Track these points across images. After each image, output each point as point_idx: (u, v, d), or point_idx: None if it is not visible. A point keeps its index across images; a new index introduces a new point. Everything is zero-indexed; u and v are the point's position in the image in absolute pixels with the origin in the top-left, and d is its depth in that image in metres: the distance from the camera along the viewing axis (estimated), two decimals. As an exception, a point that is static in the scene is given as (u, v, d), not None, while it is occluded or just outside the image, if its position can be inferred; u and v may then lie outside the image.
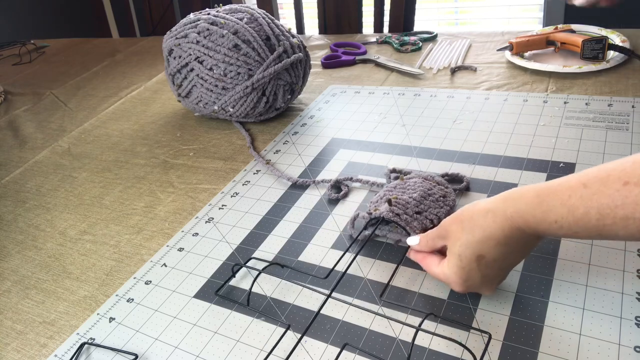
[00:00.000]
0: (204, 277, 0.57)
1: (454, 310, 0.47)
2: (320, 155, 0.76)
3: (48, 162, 0.90)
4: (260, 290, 0.54)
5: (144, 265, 0.61)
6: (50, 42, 1.66)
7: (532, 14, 2.06)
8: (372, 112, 0.86)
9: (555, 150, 0.66)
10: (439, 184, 0.59)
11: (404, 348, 0.45)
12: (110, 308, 0.56)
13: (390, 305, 0.49)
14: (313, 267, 0.55)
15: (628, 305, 0.44)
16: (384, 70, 1.03)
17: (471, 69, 0.95)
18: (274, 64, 0.82)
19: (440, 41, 1.11)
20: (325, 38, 1.28)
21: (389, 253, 0.55)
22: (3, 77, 1.40)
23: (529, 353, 0.42)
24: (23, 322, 0.57)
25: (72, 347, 0.52)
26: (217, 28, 0.82)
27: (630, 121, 0.69)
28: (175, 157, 0.84)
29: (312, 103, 0.94)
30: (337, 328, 0.48)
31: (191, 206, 0.70)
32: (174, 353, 0.49)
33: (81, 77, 1.30)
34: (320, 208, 0.64)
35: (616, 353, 0.41)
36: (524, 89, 0.85)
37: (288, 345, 0.47)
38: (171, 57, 0.87)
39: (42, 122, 1.07)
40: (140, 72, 1.27)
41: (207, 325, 0.51)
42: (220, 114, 0.87)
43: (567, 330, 0.43)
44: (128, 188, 0.78)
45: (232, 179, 0.74)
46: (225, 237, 0.62)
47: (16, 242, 0.70)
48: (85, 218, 0.72)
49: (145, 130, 0.96)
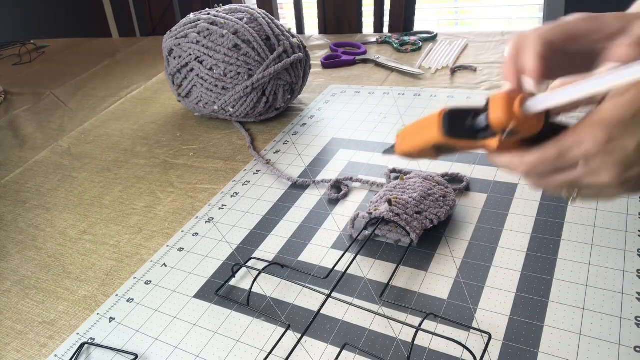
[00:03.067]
0: (204, 277, 0.57)
1: (454, 310, 0.47)
2: (320, 155, 0.76)
3: (48, 162, 0.90)
4: (260, 290, 0.54)
5: (144, 265, 0.61)
6: (50, 42, 1.66)
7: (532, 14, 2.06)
8: (372, 112, 0.86)
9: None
10: (439, 184, 0.59)
11: (404, 348, 0.45)
12: (110, 308, 0.56)
13: (390, 305, 0.49)
14: (313, 267, 0.55)
15: (628, 305, 0.44)
16: (384, 70, 1.03)
17: (471, 69, 0.95)
18: (274, 64, 0.82)
19: (440, 41, 1.11)
20: (325, 38, 1.28)
21: (389, 253, 0.55)
22: (3, 77, 1.40)
23: (529, 353, 0.42)
24: (23, 322, 0.57)
25: (72, 347, 0.52)
26: (217, 28, 0.82)
27: (630, 121, 0.69)
28: (175, 157, 0.84)
29: (312, 103, 0.94)
30: (337, 328, 0.48)
31: (191, 206, 0.70)
32: (174, 353, 0.49)
33: (81, 77, 1.30)
34: (320, 208, 0.64)
35: (616, 353, 0.41)
36: (524, 89, 0.84)
37: (288, 345, 0.47)
38: (171, 57, 0.87)
39: (42, 122, 1.07)
40: (140, 72, 1.27)
41: (207, 325, 0.51)
42: (220, 114, 0.87)
43: (567, 330, 0.43)
44: (128, 188, 0.78)
45: (232, 179, 0.74)
46: (225, 237, 0.62)
47: (16, 242, 0.70)
48: (85, 218, 0.72)
49: (145, 130, 0.96)
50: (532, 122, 0.34)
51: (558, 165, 0.35)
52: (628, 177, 0.34)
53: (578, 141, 0.34)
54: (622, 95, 0.32)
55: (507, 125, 0.33)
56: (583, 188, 0.37)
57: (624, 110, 0.32)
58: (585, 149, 0.34)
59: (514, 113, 0.33)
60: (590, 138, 0.33)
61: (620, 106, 0.32)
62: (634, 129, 0.32)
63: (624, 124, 0.32)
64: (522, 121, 0.33)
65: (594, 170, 0.34)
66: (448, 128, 0.36)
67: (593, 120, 0.34)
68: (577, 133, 0.34)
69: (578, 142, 0.34)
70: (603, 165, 0.34)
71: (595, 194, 0.36)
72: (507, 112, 0.33)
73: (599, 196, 0.37)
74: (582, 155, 0.34)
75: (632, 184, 0.34)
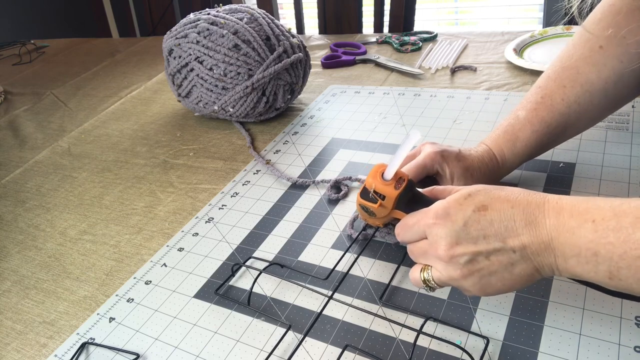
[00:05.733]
0: (204, 277, 0.57)
1: (454, 310, 0.47)
2: (320, 155, 0.76)
3: (48, 162, 0.90)
4: (260, 290, 0.54)
5: (144, 265, 0.61)
6: (50, 42, 1.66)
7: (532, 14, 2.06)
8: (372, 112, 0.86)
9: (555, 150, 0.66)
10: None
11: (404, 348, 0.45)
12: (110, 308, 0.56)
13: (391, 306, 0.49)
14: (313, 267, 0.55)
15: (628, 306, 0.44)
16: (384, 70, 1.03)
17: (471, 69, 0.95)
18: (274, 64, 0.82)
19: (440, 41, 1.11)
20: (325, 38, 1.28)
21: (389, 253, 0.55)
22: (3, 77, 1.40)
23: (529, 353, 0.42)
24: (23, 322, 0.57)
25: (72, 347, 0.52)
26: (217, 28, 0.82)
27: (630, 121, 0.69)
28: (175, 157, 0.84)
29: (312, 103, 0.94)
30: (337, 328, 0.48)
31: (191, 206, 0.70)
32: (174, 353, 0.49)
33: (81, 77, 1.30)
34: (320, 208, 0.64)
35: (616, 353, 0.41)
36: (524, 89, 0.85)
37: (288, 345, 0.47)
38: (171, 57, 0.87)
39: (42, 122, 1.07)
40: (140, 72, 1.27)
41: (207, 325, 0.51)
42: (220, 114, 0.87)
43: (567, 330, 0.43)
44: (128, 188, 0.78)
45: (232, 179, 0.74)
46: (225, 237, 0.62)
47: (16, 242, 0.70)
48: (85, 218, 0.72)
49: (145, 130, 0.96)
50: (391, 188, 0.46)
51: (414, 230, 0.44)
52: (455, 253, 0.40)
53: (427, 212, 0.42)
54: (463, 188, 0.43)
55: (372, 187, 0.46)
56: (431, 263, 0.43)
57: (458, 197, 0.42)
58: (427, 220, 0.42)
59: (377, 178, 0.46)
60: (433, 211, 0.42)
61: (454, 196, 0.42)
62: (464, 210, 0.40)
63: (460, 205, 0.41)
64: (382, 185, 0.46)
65: (433, 242, 0.42)
66: (361, 192, 0.48)
67: (439, 202, 0.42)
68: (430, 207, 0.43)
69: (427, 212, 0.42)
70: (439, 237, 0.41)
71: (446, 279, 0.42)
72: (373, 177, 0.47)
73: (454, 286, 0.43)
74: (426, 225, 0.42)
75: (476, 278, 0.40)
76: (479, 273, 0.40)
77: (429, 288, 0.44)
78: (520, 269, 0.39)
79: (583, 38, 0.56)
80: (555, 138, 0.58)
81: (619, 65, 0.54)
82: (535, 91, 0.58)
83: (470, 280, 0.40)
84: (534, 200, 0.39)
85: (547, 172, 0.63)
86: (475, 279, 0.40)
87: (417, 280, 0.44)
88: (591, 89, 0.55)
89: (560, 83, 0.56)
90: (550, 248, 0.38)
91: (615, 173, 0.60)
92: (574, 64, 0.56)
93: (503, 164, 0.57)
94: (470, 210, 0.40)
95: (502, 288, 0.41)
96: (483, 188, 0.41)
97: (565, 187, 0.59)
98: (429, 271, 0.43)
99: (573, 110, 0.55)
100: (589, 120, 0.58)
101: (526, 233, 0.38)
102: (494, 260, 0.39)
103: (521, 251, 0.38)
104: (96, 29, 2.65)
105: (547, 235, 0.38)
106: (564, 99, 0.55)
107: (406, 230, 0.45)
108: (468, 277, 0.40)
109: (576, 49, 0.56)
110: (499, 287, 0.40)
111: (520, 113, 0.57)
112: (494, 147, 0.56)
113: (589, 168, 0.62)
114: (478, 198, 0.40)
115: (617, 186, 0.58)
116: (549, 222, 0.38)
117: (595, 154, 0.64)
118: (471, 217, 0.40)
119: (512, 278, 0.40)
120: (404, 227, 0.45)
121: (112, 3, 2.63)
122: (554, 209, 0.38)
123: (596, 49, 0.55)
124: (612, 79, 0.54)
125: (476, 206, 0.40)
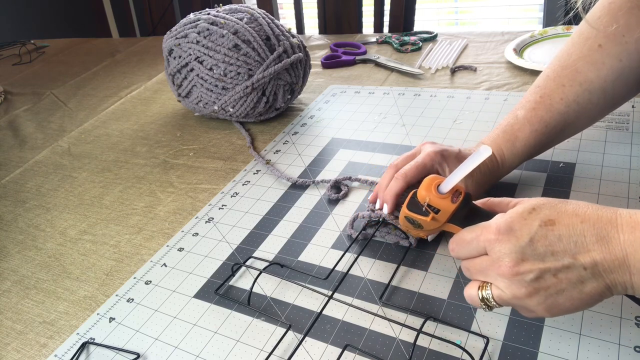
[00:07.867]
0: (204, 277, 0.57)
1: (454, 310, 0.47)
2: (320, 155, 0.76)
3: (48, 162, 0.90)
4: (260, 290, 0.54)
5: (144, 265, 0.61)
6: (50, 42, 1.66)
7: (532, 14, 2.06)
8: (372, 112, 0.86)
9: (555, 150, 0.66)
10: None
11: (404, 348, 0.45)
12: (110, 308, 0.56)
13: (390, 306, 0.49)
14: (313, 267, 0.55)
15: (628, 306, 0.44)
16: (384, 70, 1.03)
17: (471, 69, 0.95)
18: (274, 64, 0.82)
19: (440, 41, 1.11)
20: (325, 38, 1.28)
21: (389, 253, 0.55)
22: (3, 77, 1.40)
23: (529, 353, 0.42)
24: (23, 322, 0.57)
25: (72, 347, 0.52)
26: (217, 28, 0.82)
27: (630, 121, 0.69)
28: (175, 157, 0.84)
29: (312, 103, 0.94)
30: (337, 328, 0.48)
31: (191, 206, 0.70)
32: (174, 353, 0.49)
33: (81, 77, 1.30)
34: (320, 208, 0.64)
35: (616, 353, 0.41)
36: (524, 89, 0.85)
37: (288, 345, 0.47)
38: (171, 57, 0.87)
39: (42, 122, 1.07)
40: (140, 72, 1.27)
41: (207, 325, 0.51)
42: (220, 114, 0.88)
43: (567, 330, 0.43)
44: (128, 188, 0.78)
45: (232, 179, 0.74)
46: (225, 237, 0.62)
47: (16, 242, 0.70)
48: (85, 218, 0.72)
49: (145, 130, 0.96)
50: (447, 201, 0.44)
51: (473, 246, 0.41)
52: (521, 270, 0.38)
53: (487, 227, 0.40)
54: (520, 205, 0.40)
55: (426, 200, 0.44)
56: (491, 280, 0.40)
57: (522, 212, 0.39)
58: (489, 235, 0.40)
59: (431, 191, 0.44)
60: (494, 226, 0.40)
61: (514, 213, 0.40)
62: (529, 225, 0.38)
63: (524, 219, 0.39)
64: (437, 198, 0.44)
65: (496, 259, 0.39)
66: (408, 203, 0.46)
67: (500, 216, 0.40)
68: (490, 222, 0.41)
69: (487, 227, 0.40)
70: (502, 254, 0.39)
71: (509, 297, 0.40)
72: (427, 190, 0.44)
73: (516, 306, 0.41)
74: (487, 241, 0.40)
75: (542, 296, 0.38)
76: (545, 292, 0.38)
77: (487, 307, 0.41)
78: (590, 287, 0.37)
79: (582, 37, 0.56)
80: (555, 137, 0.58)
81: (618, 64, 0.54)
82: (534, 90, 0.58)
83: (536, 299, 0.38)
84: (604, 214, 0.37)
85: (547, 172, 0.63)
86: (541, 298, 0.38)
87: (474, 298, 0.42)
88: (590, 87, 0.55)
89: (559, 82, 0.56)
90: (625, 265, 0.36)
91: (615, 173, 0.60)
92: (573, 63, 0.55)
93: (502, 164, 0.57)
94: (536, 225, 0.38)
95: (570, 307, 0.38)
96: (547, 201, 0.39)
97: (565, 187, 0.59)
98: (488, 289, 0.40)
99: (572, 110, 0.55)
100: (588, 119, 0.58)
101: (598, 249, 0.36)
102: (562, 277, 0.37)
103: (592, 268, 0.36)
104: (96, 29, 2.65)
105: (621, 252, 0.36)
106: (563, 98, 0.55)
107: (462, 246, 0.42)
108: (534, 295, 0.38)
109: (575, 48, 0.56)
110: (567, 306, 0.38)
111: (519, 113, 0.57)
112: (494, 147, 0.56)
113: (589, 168, 0.62)
114: (544, 212, 0.38)
115: (617, 186, 0.58)
116: (623, 238, 0.36)
117: (595, 154, 0.64)
118: (538, 233, 0.38)
119: (581, 297, 0.37)
120: (461, 242, 0.42)
121: (112, 3, 2.63)
122: (628, 224, 0.36)
123: (595, 48, 0.55)
124: (611, 77, 0.54)
125: (542, 221, 0.38)
